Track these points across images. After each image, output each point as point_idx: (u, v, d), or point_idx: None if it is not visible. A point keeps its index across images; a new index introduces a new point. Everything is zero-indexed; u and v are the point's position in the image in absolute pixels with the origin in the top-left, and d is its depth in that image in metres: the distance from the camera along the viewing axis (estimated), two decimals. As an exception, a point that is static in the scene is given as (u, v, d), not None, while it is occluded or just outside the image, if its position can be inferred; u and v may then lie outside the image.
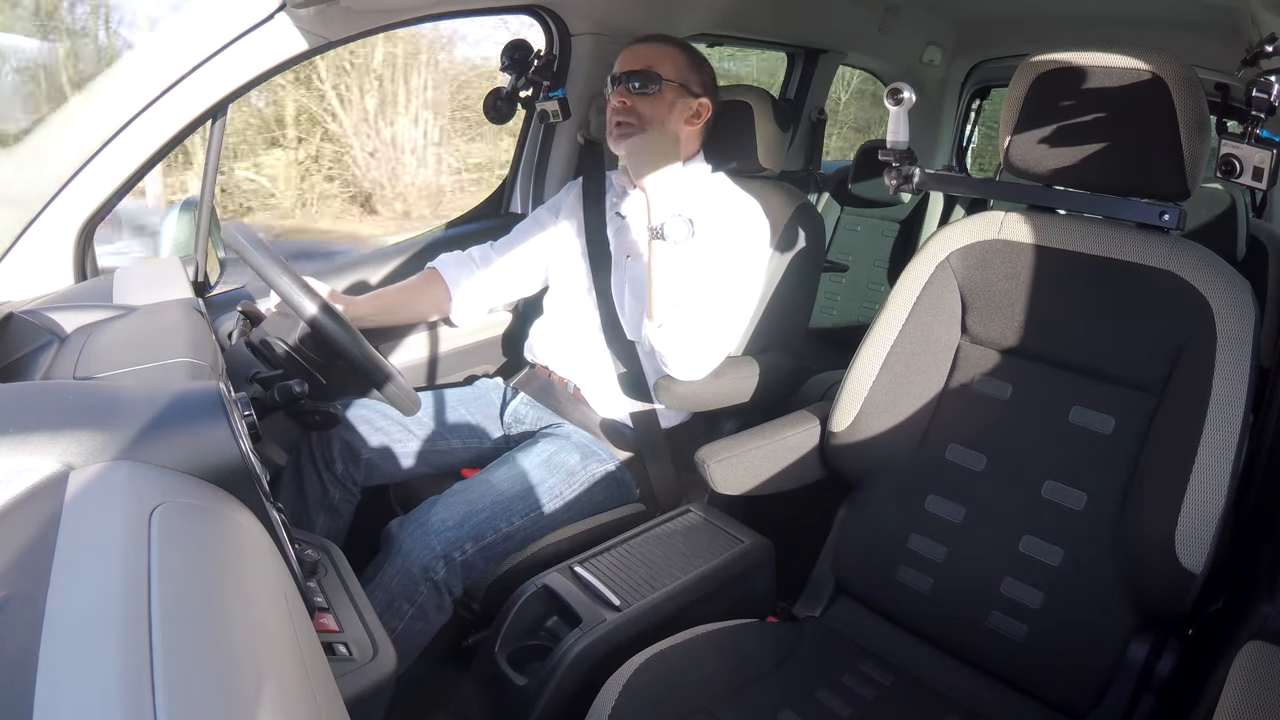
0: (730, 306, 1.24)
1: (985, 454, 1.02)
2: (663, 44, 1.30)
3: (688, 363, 1.20)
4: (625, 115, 1.27)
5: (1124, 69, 0.91)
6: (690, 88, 1.30)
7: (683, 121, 1.30)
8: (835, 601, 1.13)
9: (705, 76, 1.32)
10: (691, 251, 1.19)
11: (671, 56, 1.29)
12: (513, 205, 1.75)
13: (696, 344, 1.20)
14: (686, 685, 0.87)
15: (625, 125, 1.27)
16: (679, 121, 1.30)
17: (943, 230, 1.10)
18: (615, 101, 1.28)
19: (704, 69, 1.32)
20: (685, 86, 1.29)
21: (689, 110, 1.30)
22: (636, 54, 1.29)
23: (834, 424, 1.11)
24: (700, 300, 1.19)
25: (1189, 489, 0.85)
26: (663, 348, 1.19)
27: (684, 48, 1.32)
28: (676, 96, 1.28)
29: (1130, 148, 0.93)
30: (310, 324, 0.95)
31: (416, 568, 1.03)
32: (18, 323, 0.90)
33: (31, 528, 0.42)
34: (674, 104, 1.28)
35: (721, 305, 1.22)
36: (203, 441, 0.52)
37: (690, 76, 1.30)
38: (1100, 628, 0.90)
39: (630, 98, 1.26)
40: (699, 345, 1.20)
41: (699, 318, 1.19)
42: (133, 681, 0.31)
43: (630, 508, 1.28)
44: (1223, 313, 0.88)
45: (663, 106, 1.27)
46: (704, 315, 1.20)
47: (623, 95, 1.27)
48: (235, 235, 0.99)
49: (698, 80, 1.31)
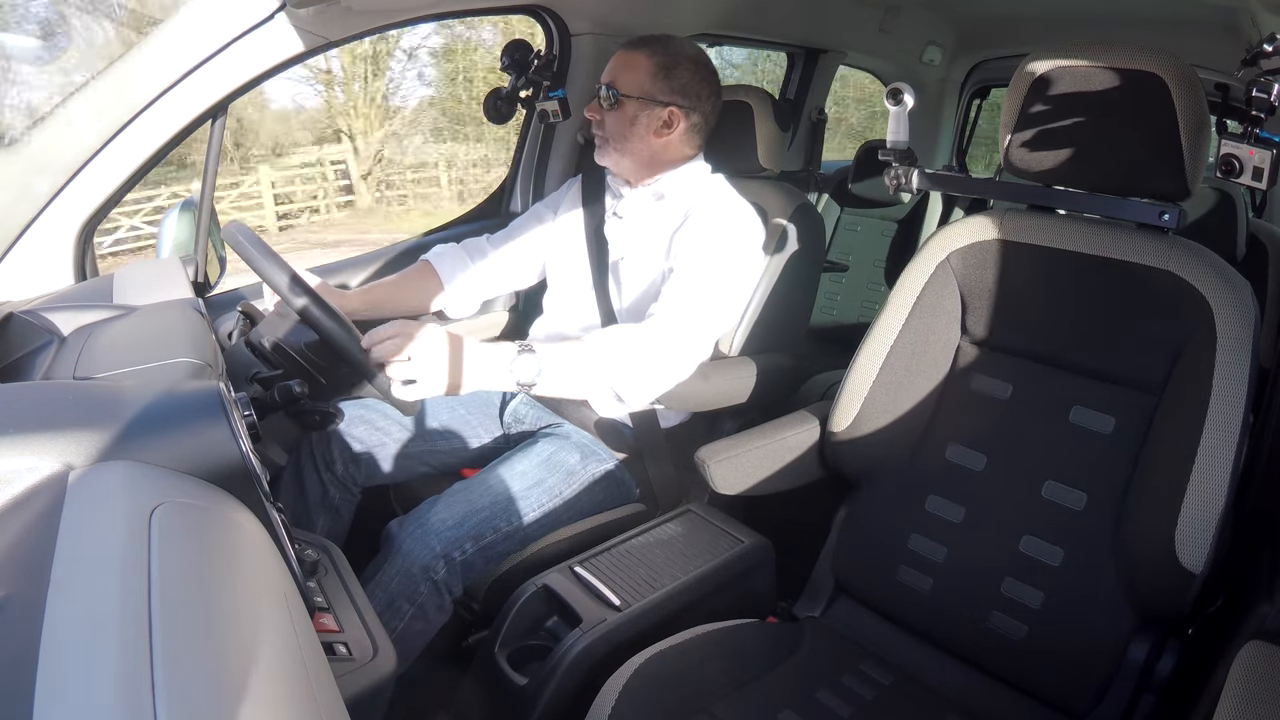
0: (719, 307, 1.20)
1: (985, 454, 1.02)
2: (633, 52, 1.25)
3: (673, 370, 1.15)
4: (597, 127, 1.27)
5: (1124, 69, 0.91)
6: (656, 98, 1.24)
7: (651, 134, 1.26)
8: (835, 601, 1.13)
9: (678, 82, 1.25)
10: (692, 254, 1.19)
11: (636, 67, 1.24)
12: (513, 205, 1.75)
13: (677, 350, 1.15)
14: (686, 685, 0.87)
15: (597, 137, 1.28)
16: (645, 135, 1.25)
17: (943, 230, 1.10)
18: (587, 111, 1.28)
19: (676, 75, 1.25)
20: (648, 98, 1.24)
21: (656, 121, 1.25)
22: (611, 63, 1.27)
23: (834, 424, 1.11)
24: (685, 302, 1.16)
25: (1189, 489, 0.85)
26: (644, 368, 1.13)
27: (655, 54, 1.24)
28: (639, 110, 1.24)
29: (1130, 148, 0.93)
30: (310, 324, 0.95)
31: (416, 568, 1.03)
32: (18, 323, 0.90)
33: (31, 528, 0.42)
34: (635, 118, 1.24)
35: (709, 306, 1.18)
36: (203, 441, 0.52)
37: (656, 86, 1.24)
38: (1100, 628, 0.91)
39: (599, 111, 1.26)
40: (679, 351, 1.15)
41: (681, 321, 1.15)
42: (133, 681, 0.31)
43: (630, 508, 1.28)
44: (1222, 313, 0.88)
45: (624, 121, 1.25)
46: (687, 318, 1.15)
47: (594, 109, 1.27)
48: (235, 235, 0.99)
49: (665, 89, 1.24)
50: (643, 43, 1.27)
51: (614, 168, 1.31)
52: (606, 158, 1.30)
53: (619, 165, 1.30)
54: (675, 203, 1.28)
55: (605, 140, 1.27)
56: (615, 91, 1.24)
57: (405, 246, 1.58)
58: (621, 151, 1.27)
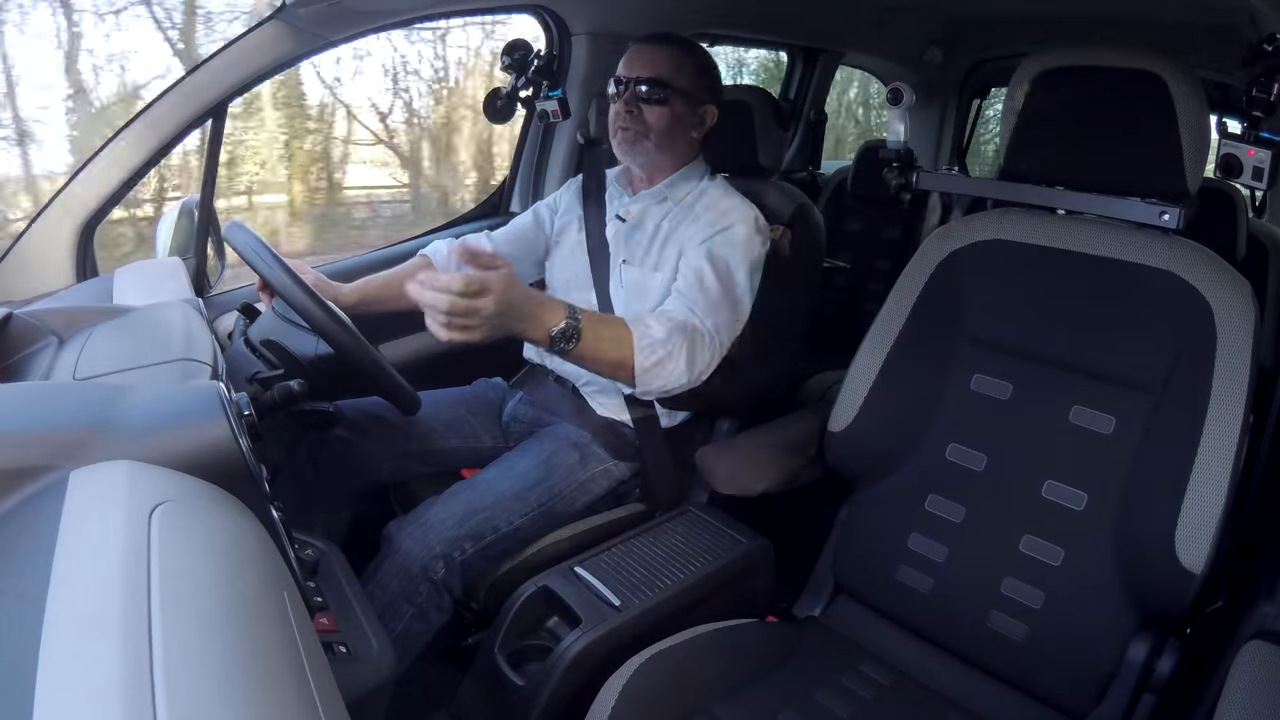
0: (737, 305, 1.20)
1: (986, 454, 1.02)
2: (674, 47, 1.24)
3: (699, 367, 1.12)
4: (632, 123, 1.23)
5: (1124, 69, 0.91)
6: (698, 95, 1.25)
7: (691, 131, 1.26)
8: (835, 601, 1.12)
9: (713, 81, 1.28)
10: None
11: (683, 62, 1.23)
12: (512, 205, 1.75)
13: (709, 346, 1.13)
14: (686, 685, 0.87)
15: (632, 132, 1.23)
16: (687, 132, 1.25)
17: (943, 230, 1.10)
18: (623, 107, 1.23)
19: (712, 73, 1.28)
20: (693, 95, 1.24)
21: (696, 119, 1.26)
22: (646, 57, 1.23)
23: (834, 424, 1.11)
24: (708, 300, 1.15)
25: (1189, 489, 0.85)
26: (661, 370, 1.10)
27: (694, 52, 1.26)
28: (685, 106, 1.24)
29: (1130, 148, 0.93)
30: (309, 323, 0.95)
31: (416, 568, 1.03)
32: (18, 323, 0.90)
33: (31, 528, 0.42)
34: (682, 115, 1.24)
35: (730, 304, 1.18)
36: (203, 441, 0.52)
37: (699, 83, 1.25)
38: (1100, 627, 0.91)
39: (638, 104, 1.22)
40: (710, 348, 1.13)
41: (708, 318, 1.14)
42: (133, 681, 0.31)
43: (630, 508, 1.28)
44: (1223, 313, 0.88)
45: (671, 118, 1.23)
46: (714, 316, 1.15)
47: (630, 101, 1.22)
48: (235, 234, 0.99)
49: (706, 86, 1.26)
50: (674, 39, 1.26)
51: (644, 166, 1.28)
52: (640, 154, 1.25)
53: (652, 163, 1.27)
54: (678, 203, 1.28)
55: (641, 135, 1.23)
56: (665, 86, 1.21)
57: (405, 248, 1.58)
58: (660, 148, 1.24)
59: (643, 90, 1.21)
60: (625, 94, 1.23)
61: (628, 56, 1.25)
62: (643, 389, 1.10)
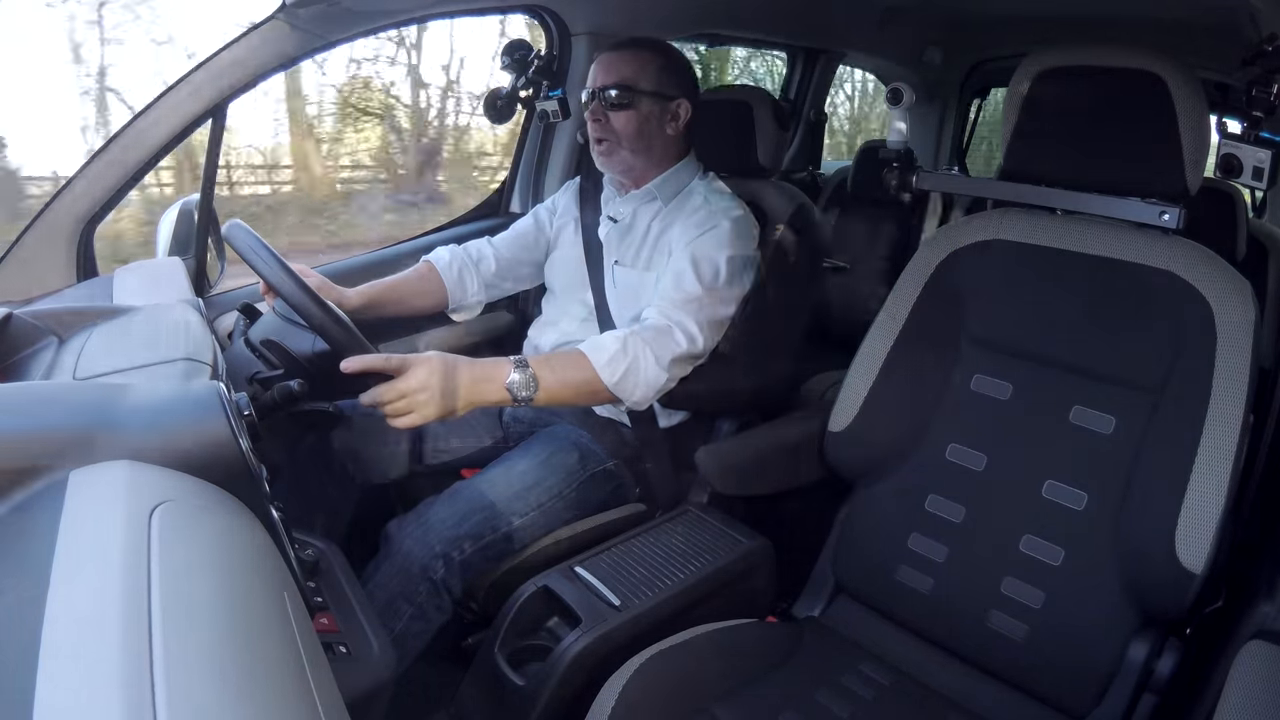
0: (712, 304, 1.19)
1: (985, 453, 1.02)
2: (637, 50, 1.25)
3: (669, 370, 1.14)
4: (603, 132, 1.24)
5: (1124, 69, 0.91)
6: (666, 92, 1.25)
7: (664, 129, 1.26)
8: (835, 601, 1.13)
9: (682, 76, 1.27)
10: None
11: (646, 64, 1.24)
12: (512, 205, 1.75)
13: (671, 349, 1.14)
14: (686, 685, 0.87)
15: (606, 144, 1.25)
16: (660, 130, 1.26)
17: (943, 230, 1.10)
18: (591, 117, 1.25)
19: (679, 68, 1.28)
20: (661, 93, 1.24)
21: (667, 115, 1.26)
22: (609, 65, 1.24)
23: (834, 424, 1.11)
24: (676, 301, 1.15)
25: (1189, 489, 0.85)
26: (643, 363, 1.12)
27: (659, 50, 1.27)
28: (654, 105, 1.24)
29: (1130, 147, 0.93)
30: (310, 324, 0.95)
31: (416, 567, 1.03)
32: (18, 323, 0.90)
33: (31, 528, 0.42)
34: (651, 114, 1.24)
35: (701, 303, 1.17)
36: (203, 441, 0.52)
37: (667, 80, 1.25)
38: (1100, 627, 0.91)
39: (605, 113, 1.23)
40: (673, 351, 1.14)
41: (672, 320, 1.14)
42: (133, 681, 0.31)
43: (630, 508, 1.28)
44: (1223, 313, 0.88)
45: (639, 119, 1.23)
46: (678, 317, 1.15)
47: (598, 111, 1.24)
48: (235, 234, 0.99)
49: (674, 82, 1.26)
50: (635, 43, 1.27)
51: (623, 172, 1.29)
52: (617, 163, 1.27)
53: (630, 167, 1.28)
54: (669, 203, 1.28)
55: (614, 145, 1.25)
56: (629, 89, 1.22)
57: (406, 248, 1.58)
58: (635, 151, 1.25)
59: (610, 96, 1.23)
60: (593, 104, 1.25)
61: (593, 68, 1.26)
62: (630, 401, 1.12)
